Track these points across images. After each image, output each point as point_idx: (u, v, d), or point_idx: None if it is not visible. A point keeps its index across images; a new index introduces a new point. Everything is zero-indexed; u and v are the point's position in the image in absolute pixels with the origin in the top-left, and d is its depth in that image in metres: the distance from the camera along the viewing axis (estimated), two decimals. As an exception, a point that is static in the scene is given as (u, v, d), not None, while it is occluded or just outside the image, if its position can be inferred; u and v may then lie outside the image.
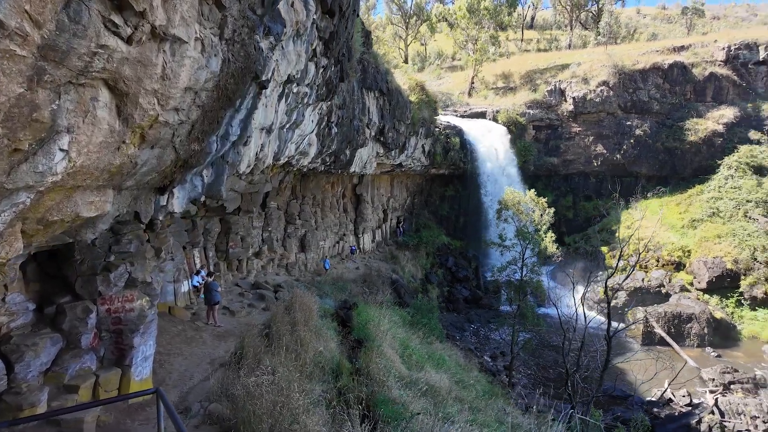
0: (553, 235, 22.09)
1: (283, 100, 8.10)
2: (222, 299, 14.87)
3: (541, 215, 21.23)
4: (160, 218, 6.62)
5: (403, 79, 28.77)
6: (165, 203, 6.44)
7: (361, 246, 32.39)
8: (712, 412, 20.45)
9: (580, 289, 34.92)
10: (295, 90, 8.55)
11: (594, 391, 14.83)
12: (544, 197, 25.84)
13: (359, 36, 16.76)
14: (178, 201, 6.64)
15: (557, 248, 22.25)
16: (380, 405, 9.52)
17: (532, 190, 23.12)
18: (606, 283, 16.43)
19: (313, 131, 13.25)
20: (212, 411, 7.73)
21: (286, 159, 11.19)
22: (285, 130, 9.37)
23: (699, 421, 20.03)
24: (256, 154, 8.07)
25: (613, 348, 30.23)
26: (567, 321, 16.69)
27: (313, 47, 8.24)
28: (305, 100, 9.20)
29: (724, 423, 20.16)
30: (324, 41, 8.51)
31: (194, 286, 15.85)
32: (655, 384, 21.96)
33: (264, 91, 6.69)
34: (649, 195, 37.62)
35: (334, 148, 17.39)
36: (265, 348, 10.83)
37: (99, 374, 7.72)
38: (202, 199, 7.29)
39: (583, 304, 16.74)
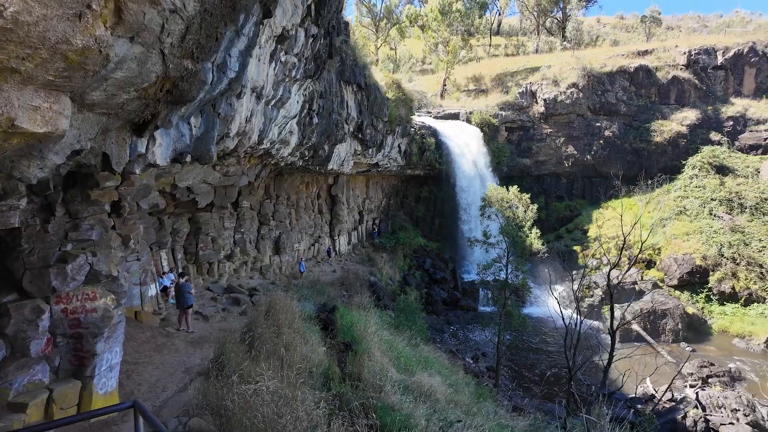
0: (538, 231, 21.79)
1: (273, 65, 7.10)
2: (194, 303, 13.56)
3: (525, 211, 20.88)
4: (137, 171, 5.32)
5: (379, 76, 28.06)
6: (144, 150, 5.18)
7: (337, 248, 31.31)
8: (696, 407, 20.44)
9: (558, 288, 35.18)
10: (283, 59, 7.56)
11: (598, 389, 14.35)
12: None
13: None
14: (161, 150, 5.40)
15: (542, 244, 21.93)
16: (381, 412, 8.56)
17: (515, 186, 22.81)
18: (608, 276, 16.10)
19: (295, 117, 12.25)
20: (193, 427, 6.55)
21: (269, 143, 10.16)
22: (271, 107, 8.37)
23: (684, 416, 19.96)
24: (246, 121, 6.95)
25: (592, 346, 30.19)
26: (556, 320, 16.17)
27: (308, 2, 7.29)
28: (293, 74, 8.24)
29: (707, 417, 20.17)
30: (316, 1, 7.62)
31: (162, 290, 14.47)
32: (635, 380, 21.87)
33: (262, 32, 5.66)
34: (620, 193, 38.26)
35: (314, 140, 16.43)
36: (247, 354, 9.70)
37: (53, 388, 6.40)
38: (188, 159, 6.08)
39: (577, 302, 16.31)
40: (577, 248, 38.33)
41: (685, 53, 41.62)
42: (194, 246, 18.56)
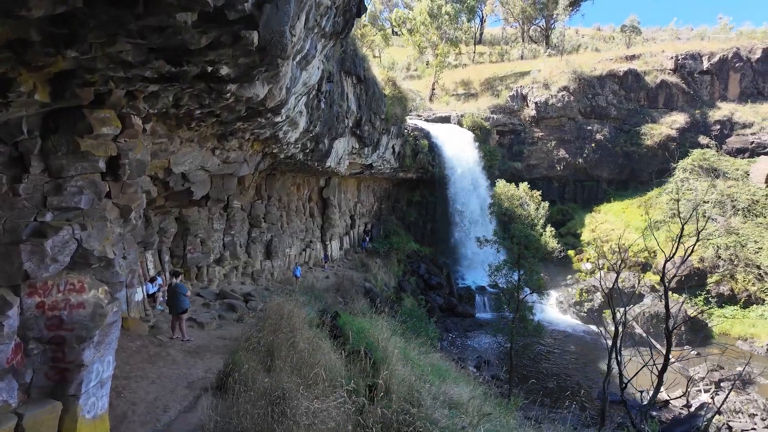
0: (552, 229, 20.67)
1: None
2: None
3: (537, 209, 19.78)
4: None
5: (375, 71, 26.90)
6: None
7: (329, 253, 29.73)
8: (718, 413, 19.54)
9: (553, 293, 34.31)
10: (317, -1, 6.27)
11: (652, 397, 13.16)
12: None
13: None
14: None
15: (558, 242, 20.82)
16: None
17: (525, 183, 21.73)
18: (663, 269, 15.08)
19: (308, 94, 10.88)
20: (215, 459, 4.96)
21: (285, 116, 8.75)
22: (296, 63, 7.01)
23: (707, 423, 19.00)
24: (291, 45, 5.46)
25: (591, 350, 29.21)
26: (554, 327, 14.98)
27: None
28: (322, 23, 6.93)
29: (729, 423, 19.33)
30: None
31: (149, 296, 12.74)
32: (641, 386, 20.92)
33: None
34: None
35: (318, 130, 15.14)
36: (263, 365, 8.12)
37: (23, 413, 4.71)
38: (255, 38, 4.34)
39: (612, 304, 15.19)
40: (570, 253, 37.62)
41: (672, 58, 41.98)
42: (181, 248, 16.84)
